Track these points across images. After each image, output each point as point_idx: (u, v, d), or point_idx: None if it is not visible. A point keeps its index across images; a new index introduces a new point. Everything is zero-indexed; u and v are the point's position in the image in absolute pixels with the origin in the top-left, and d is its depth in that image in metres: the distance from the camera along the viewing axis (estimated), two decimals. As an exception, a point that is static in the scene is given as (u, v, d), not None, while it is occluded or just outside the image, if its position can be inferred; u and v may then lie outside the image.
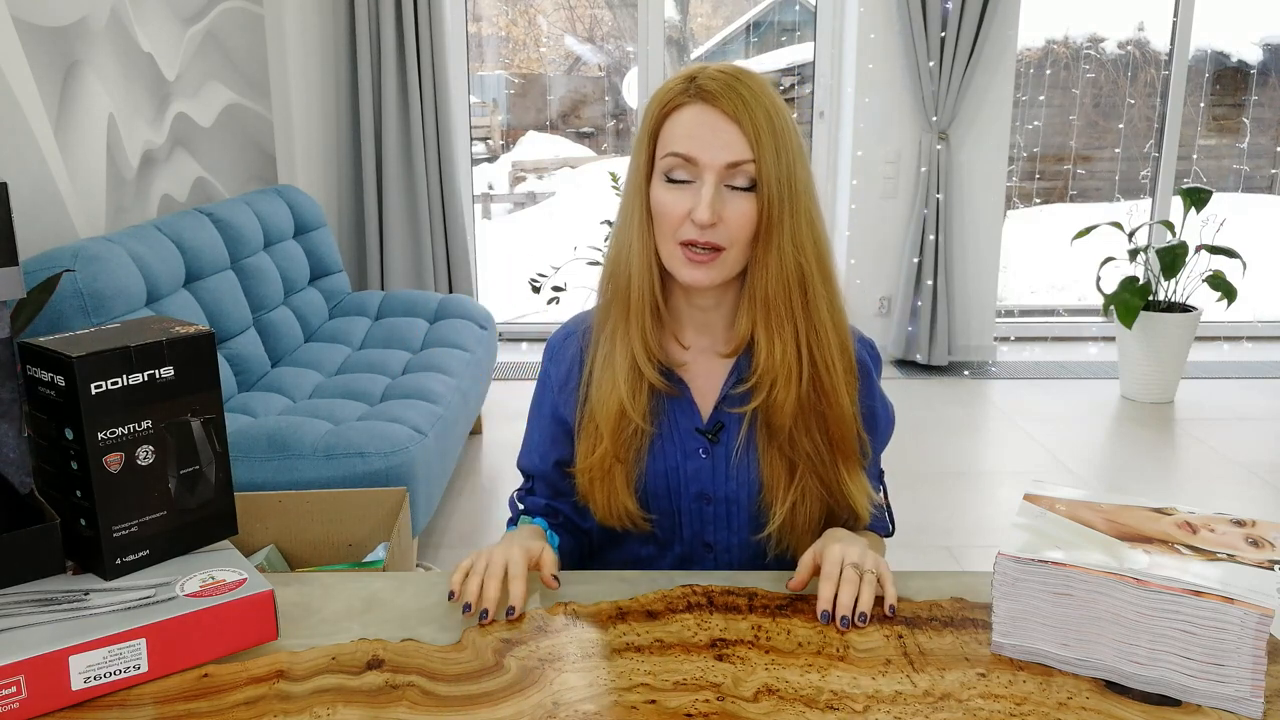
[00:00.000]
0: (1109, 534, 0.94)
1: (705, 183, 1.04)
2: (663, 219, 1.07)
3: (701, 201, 1.03)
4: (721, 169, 1.04)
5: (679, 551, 1.19)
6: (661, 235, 1.08)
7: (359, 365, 2.97)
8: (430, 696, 0.87)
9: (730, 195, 1.05)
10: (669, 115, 1.07)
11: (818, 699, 0.86)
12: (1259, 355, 4.70)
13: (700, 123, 1.04)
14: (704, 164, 1.04)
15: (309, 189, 3.94)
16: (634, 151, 1.11)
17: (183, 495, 1.01)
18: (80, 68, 2.40)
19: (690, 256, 1.06)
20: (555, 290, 4.24)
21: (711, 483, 1.15)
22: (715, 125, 1.04)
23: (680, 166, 1.05)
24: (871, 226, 4.44)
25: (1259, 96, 5.12)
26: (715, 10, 5.44)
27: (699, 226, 1.04)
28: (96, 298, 2.15)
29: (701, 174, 1.04)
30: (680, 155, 1.04)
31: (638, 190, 1.09)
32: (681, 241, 1.06)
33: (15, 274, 0.98)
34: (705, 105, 1.04)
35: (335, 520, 1.73)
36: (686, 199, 1.05)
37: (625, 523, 1.16)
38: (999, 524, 2.90)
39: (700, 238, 1.05)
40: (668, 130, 1.06)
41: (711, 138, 1.03)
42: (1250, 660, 0.83)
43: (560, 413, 1.20)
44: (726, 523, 1.17)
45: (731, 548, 1.18)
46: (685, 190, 1.05)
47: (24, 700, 0.83)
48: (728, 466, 1.14)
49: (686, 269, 1.06)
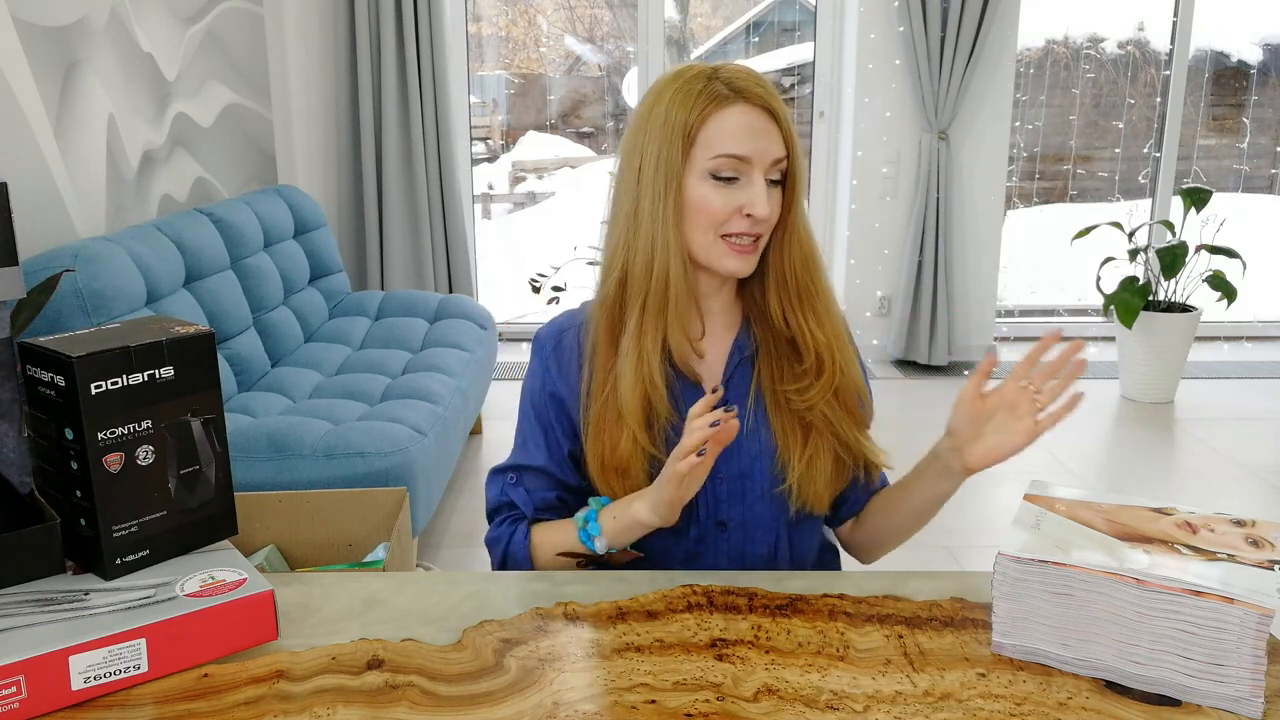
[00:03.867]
0: (1109, 534, 0.95)
1: (755, 180, 1.10)
2: (708, 215, 1.11)
3: (759, 198, 1.09)
4: (769, 165, 1.10)
5: (694, 534, 1.20)
6: (699, 229, 1.12)
7: (359, 365, 2.97)
8: (430, 696, 0.87)
9: (770, 188, 1.11)
10: (709, 116, 1.10)
11: (818, 699, 0.86)
12: (1259, 355, 4.70)
13: (748, 123, 1.10)
14: (755, 161, 1.10)
15: (309, 189, 3.94)
16: (659, 152, 1.11)
17: (183, 495, 1.01)
18: (80, 68, 2.40)
19: (735, 247, 1.12)
20: (555, 290, 4.24)
21: (724, 458, 1.17)
22: (761, 124, 1.10)
23: (730, 166, 1.10)
24: (871, 226, 4.44)
25: (1259, 96, 5.12)
26: (715, 10, 5.44)
27: (755, 219, 1.10)
28: (96, 298, 2.15)
29: (751, 171, 1.10)
30: (734, 155, 1.09)
31: (670, 191, 1.11)
32: (725, 234, 1.11)
33: (15, 274, 0.98)
34: (748, 105, 1.10)
35: (335, 520, 1.73)
36: (736, 195, 1.10)
37: None
38: (999, 524, 2.90)
39: (752, 229, 1.11)
40: (711, 131, 1.10)
41: (760, 137, 1.10)
42: (1250, 660, 0.83)
43: (565, 408, 1.20)
44: (741, 497, 1.19)
45: (746, 522, 1.20)
46: (733, 187, 1.10)
47: (24, 700, 0.83)
48: (740, 443, 1.17)
49: (731, 259, 1.12)
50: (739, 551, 1.20)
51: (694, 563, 1.21)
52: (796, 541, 1.23)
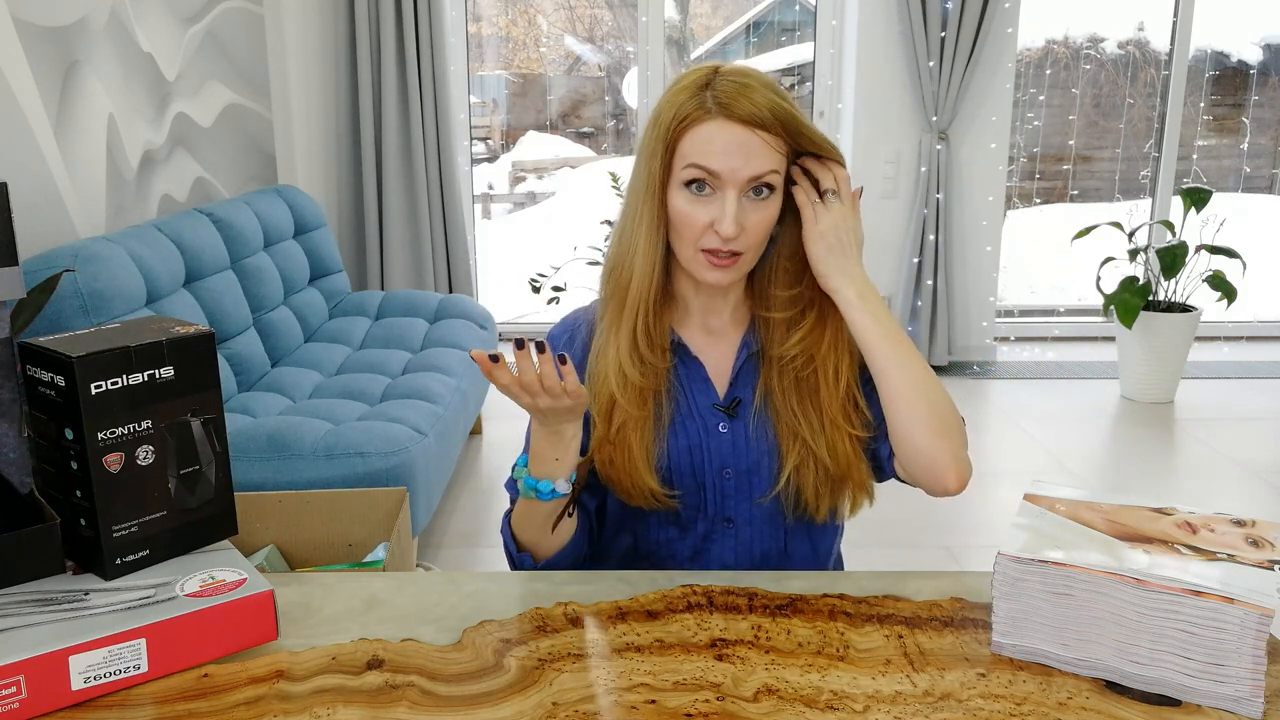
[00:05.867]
0: (1109, 534, 0.94)
1: (727, 197, 1.07)
2: (685, 227, 1.10)
3: (726, 216, 1.07)
4: (743, 183, 1.07)
5: (701, 530, 1.21)
6: (681, 241, 1.11)
7: (359, 365, 2.97)
8: (430, 696, 0.87)
9: (750, 205, 1.09)
10: (687, 129, 1.08)
11: (818, 699, 0.86)
12: (1259, 355, 4.70)
13: (721, 138, 1.06)
14: (726, 179, 1.07)
15: (309, 189, 3.94)
16: (644, 157, 1.12)
17: (183, 495, 1.01)
18: (80, 68, 2.40)
19: (712, 261, 1.10)
20: (555, 290, 4.24)
21: (733, 455, 1.18)
22: (736, 139, 1.06)
23: (701, 179, 1.08)
24: (871, 226, 4.40)
25: (1259, 96, 5.12)
26: (715, 10, 5.44)
27: (725, 237, 1.08)
28: (96, 298, 2.15)
29: (723, 187, 1.08)
30: (702, 168, 1.07)
31: (649, 195, 1.11)
32: (703, 249, 1.10)
33: (15, 274, 0.98)
34: (725, 120, 1.06)
35: (335, 520, 1.73)
36: (708, 209, 1.09)
37: (651, 502, 1.18)
38: (999, 524, 2.90)
39: (723, 247, 1.09)
40: (687, 143, 1.08)
41: (733, 152, 1.06)
42: (1250, 660, 0.83)
43: None
44: (749, 494, 1.20)
45: (753, 520, 1.20)
46: (706, 200, 1.09)
47: (24, 700, 0.83)
48: (747, 438, 1.18)
49: (708, 272, 1.11)
50: (747, 547, 1.21)
51: (701, 558, 1.21)
52: (812, 539, 1.23)
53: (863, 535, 1.39)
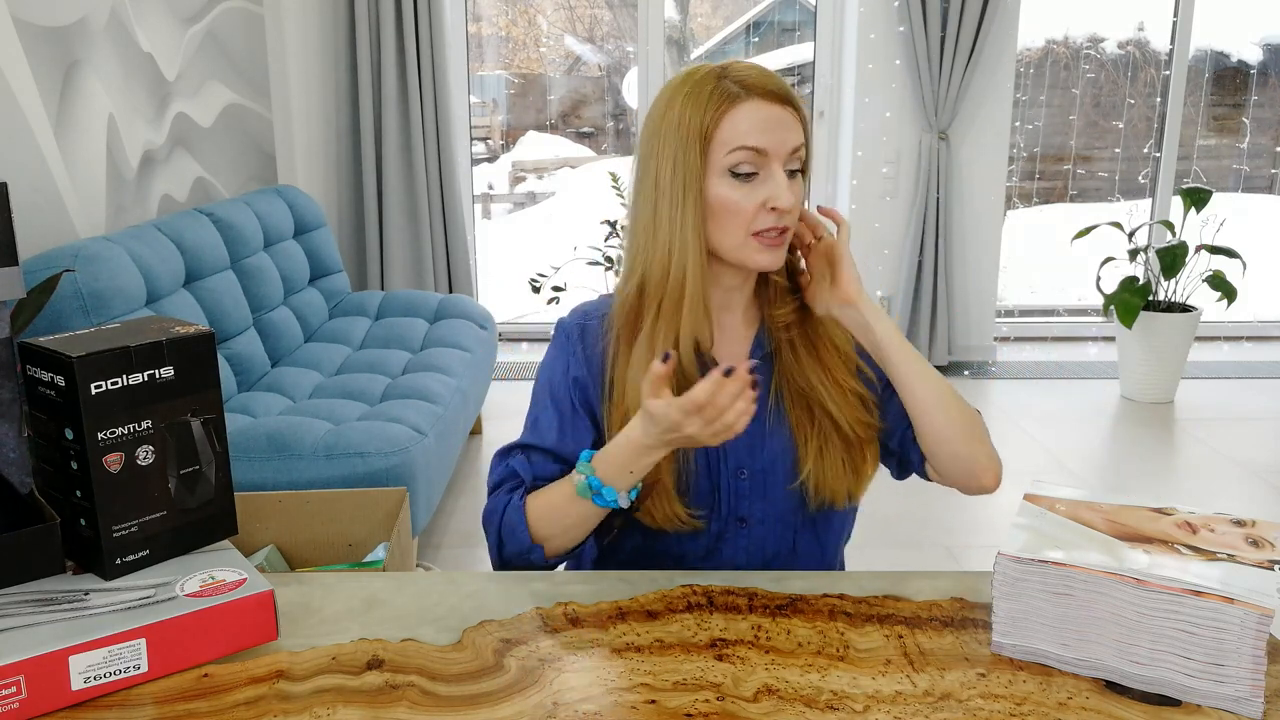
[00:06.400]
0: (1109, 534, 0.95)
1: (775, 172, 1.11)
2: (733, 215, 1.11)
3: (780, 189, 1.10)
4: (787, 155, 1.11)
5: (714, 530, 1.20)
6: (726, 231, 1.12)
7: (359, 365, 2.97)
8: (430, 696, 0.87)
9: (789, 179, 1.12)
10: (724, 115, 1.10)
11: (818, 699, 0.86)
12: (1259, 355, 4.70)
13: (758, 115, 1.10)
14: (773, 153, 1.10)
15: (309, 189, 3.94)
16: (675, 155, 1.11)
17: (183, 495, 1.01)
18: (80, 68, 2.40)
19: (765, 242, 1.12)
20: (555, 290, 4.24)
21: (748, 454, 1.18)
22: (773, 115, 1.10)
23: (748, 161, 1.10)
24: (871, 226, 4.44)
25: (1259, 96, 5.12)
26: (715, 10, 5.44)
27: (780, 212, 1.10)
28: (96, 298, 2.15)
29: (769, 164, 1.10)
30: (752, 149, 1.09)
31: (689, 192, 1.11)
32: (755, 231, 1.11)
33: (15, 274, 0.98)
34: (758, 100, 1.10)
35: (335, 520, 1.73)
36: (757, 191, 1.11)
37: (675, 525, 1.17)
38: (999, 524, 2.90)
39: (779, 223, 1.11)
40: (726, 129, 1.10)
41: (774, 127, 1.10)
42: (1250, 660, 0.83)
43: (587, 394, 1.20)
44: (763, 492, 1.19)
45: (767, 519, 1.20)
46: (752, 184, 1.11)
47: (24, 700, 0.83)
48: (762, 436, 1.18)
49: (763, 254, 1.13)
50: (759, 547, 1.20)
51: (713, 558, 1.21)
52: (819, 537, 1.23)
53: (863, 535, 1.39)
